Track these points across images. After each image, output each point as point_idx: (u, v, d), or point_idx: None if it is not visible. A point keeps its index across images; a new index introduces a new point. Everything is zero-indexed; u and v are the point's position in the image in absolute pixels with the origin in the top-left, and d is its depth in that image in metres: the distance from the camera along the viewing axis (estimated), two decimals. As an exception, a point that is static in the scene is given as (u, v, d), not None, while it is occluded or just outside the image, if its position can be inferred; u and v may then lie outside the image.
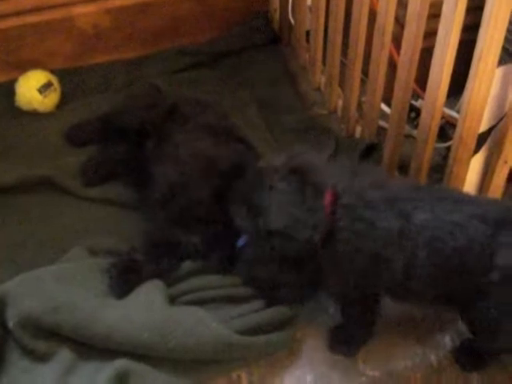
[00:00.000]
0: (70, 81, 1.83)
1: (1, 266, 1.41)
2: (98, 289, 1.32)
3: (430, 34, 1.35)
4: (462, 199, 1.21)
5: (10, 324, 1.25)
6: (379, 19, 1.47)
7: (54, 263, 1.37)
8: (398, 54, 1.48)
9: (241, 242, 1.36)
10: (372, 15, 1.54)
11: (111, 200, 1.55)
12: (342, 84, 1.76)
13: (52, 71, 1.78)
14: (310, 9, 1.84)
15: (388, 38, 1.49)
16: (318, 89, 1.88)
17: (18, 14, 1.76)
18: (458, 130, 1.36)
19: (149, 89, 1.79)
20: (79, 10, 1.81)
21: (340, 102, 1.79)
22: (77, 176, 1.58)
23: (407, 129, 1.65)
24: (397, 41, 1.52)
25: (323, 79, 1.85)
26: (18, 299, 1.26)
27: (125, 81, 1.86)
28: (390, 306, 1.32)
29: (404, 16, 1.40)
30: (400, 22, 1.50)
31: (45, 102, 1.73)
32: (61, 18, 1.80)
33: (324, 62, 1.82)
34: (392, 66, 1.55)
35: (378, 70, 1.54)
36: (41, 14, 1.78)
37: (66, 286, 1.30)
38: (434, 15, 1.33)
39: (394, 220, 1.16)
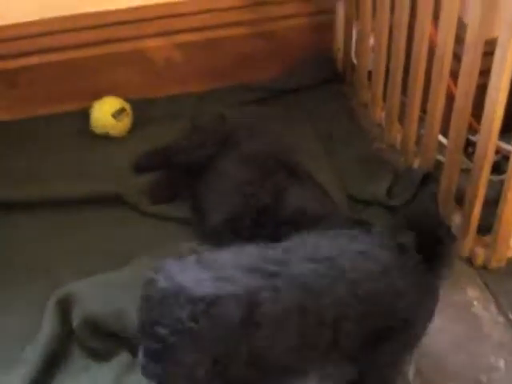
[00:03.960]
0: (140, 110, 1.92)
1: (66, 271, 1.49)
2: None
3: (488, 71, 1.41)
4: None
5: (74, 324, 1.32)
6: (438, 52, 1.53)
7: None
8: (456, 86, 1.53)
9: None
10: (431, 54, 1.60)
11: (174, 218, 1.63)
12: (401, 119, 1.82)
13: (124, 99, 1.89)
14: (373, 49, 1.92)
15: (446, 70, 1.54)
16: (379, 125, 1.94)
17: (94, 44, 1.89)
18: (512, 159, 1.40)
19: (212, 119, 1.88)
20: (151, 43, 1.93)
21: (399, 137, 1.84)
22: (144, 194, 1.67)
23: (466, 162, 1.68)
24: (455, 76, 1.57)
25: (383, 115, 1.91)
26: (84, 301, 1.33)
27: (191, 113, 1.94)
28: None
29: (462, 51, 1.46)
30: (458, 57, 1.56)
31: (118, 126, 1.84)
32: (133, 50, 1.92)
33: (384, 99, 1.88)
34: (450, 100, 1.60)
35: (437, 102, 1.59)
36: (115, 46, 1.91)
37: (131, 291, 1.36)
38: (491, 52, 1.39)
39: None
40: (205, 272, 1.05)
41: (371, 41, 1.93)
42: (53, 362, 1.31)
